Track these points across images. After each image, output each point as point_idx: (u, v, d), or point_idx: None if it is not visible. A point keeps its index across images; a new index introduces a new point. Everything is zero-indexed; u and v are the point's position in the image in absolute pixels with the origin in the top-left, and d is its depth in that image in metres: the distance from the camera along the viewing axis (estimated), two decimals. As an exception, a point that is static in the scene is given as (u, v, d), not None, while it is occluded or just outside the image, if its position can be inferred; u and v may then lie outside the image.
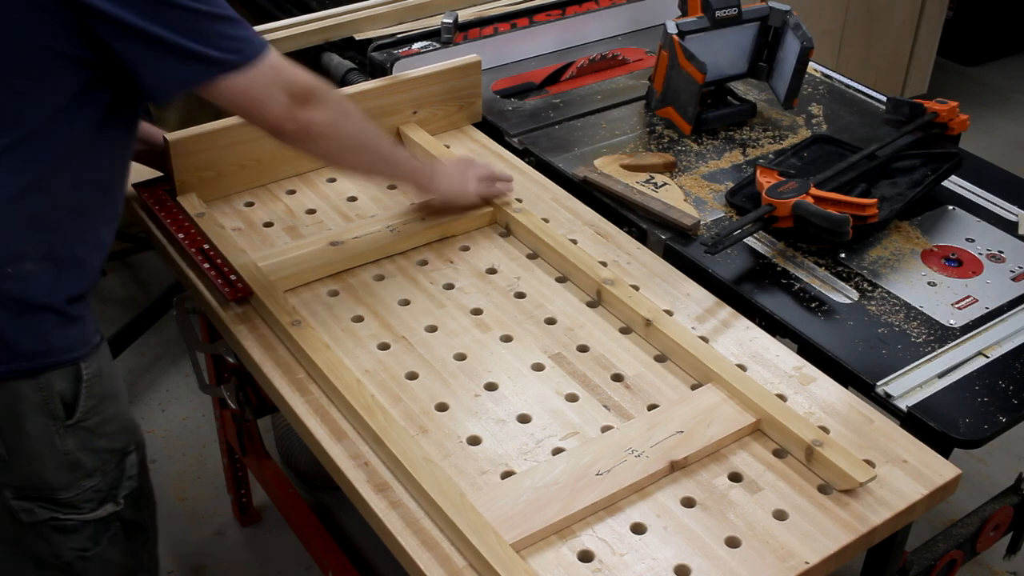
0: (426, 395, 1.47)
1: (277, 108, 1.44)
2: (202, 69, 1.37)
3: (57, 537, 1.52)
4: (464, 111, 2.09)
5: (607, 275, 1.64)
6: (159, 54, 1.33)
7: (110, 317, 2.96)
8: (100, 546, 1.56)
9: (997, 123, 4.22)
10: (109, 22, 1.29)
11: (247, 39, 1.39)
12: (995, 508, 1.68)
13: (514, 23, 2.38)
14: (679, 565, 1.23)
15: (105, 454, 1.52)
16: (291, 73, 1.45)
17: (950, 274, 1.73)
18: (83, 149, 1.38)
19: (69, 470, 1.48)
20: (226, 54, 1.37)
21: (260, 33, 2.15)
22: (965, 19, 4.46)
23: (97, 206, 1.45)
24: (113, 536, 1.58)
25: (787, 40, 2.09)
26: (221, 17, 1.36)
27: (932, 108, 2.04)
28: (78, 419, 1.45)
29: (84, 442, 1.48)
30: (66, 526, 1.52)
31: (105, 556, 1.58)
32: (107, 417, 1.49)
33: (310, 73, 1.49)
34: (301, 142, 1.52)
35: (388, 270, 1.72)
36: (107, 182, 1.46)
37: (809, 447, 1.34)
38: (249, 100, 1.42)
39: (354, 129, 1.58)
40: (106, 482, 1.53)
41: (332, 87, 1.53)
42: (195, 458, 2.63)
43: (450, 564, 1.23)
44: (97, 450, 1.50)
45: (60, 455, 1.46)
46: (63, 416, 1.44)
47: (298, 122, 1.47)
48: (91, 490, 1.51)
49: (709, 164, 2.01)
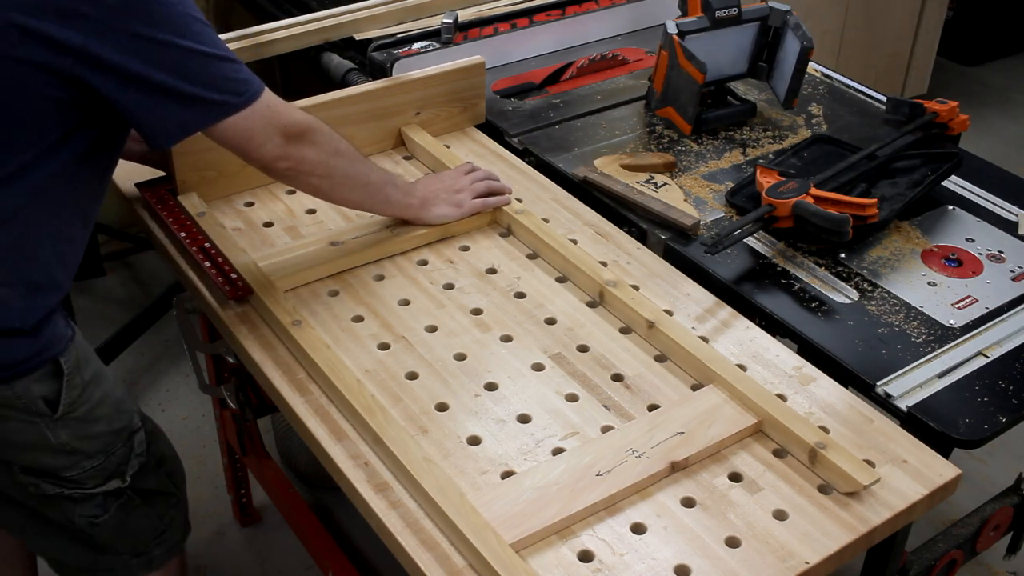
0: (426, 395, 1.47)
1: (271, 147, 1.46)
2: (205, 113, 1.37)
3: (68, 504, 1.54)
4: (467, 112, 2.09)
5: (609, 276, 1.64)
6: (161, 100, 1.33)
7: (110, 317, 2.96)
8: (110, 513, 1.58)
9: (997, 123, 4.22)
10: (109, 71, 1.28)
11: (247, 80, 1.41)
12: (995, 508, 1.68)
13: (514, 23, 2.37)
14: (679, 565, 1.23)
15: (107, 437, 1.53)
16: (285, 112, 1.47)
17: (950, 274, 1.74)
18: (64, 181, 1.37)
19: (67, 456, 1.49)
20: (228, 96, 1.38)
21: (260, 33, 2.18)
22: (965, 19, 4.47)
23: (75, 232, 1.45)
24: (125, 503, 1.59)
25: (787, 40, 2.09)
26: (222, 58, 1.37)
27: (932, 108, 2.04)
28: (64, 412, 1.45)
29: (78, 431, 1.48)
30: (73, 496, 1.53)
31: (118, 521, 1.59)
32: (96, 402, 1.50)
33: (301, 111, 1.51)
34: (293, 179, 1.55)
35: (388, 270, 1.72)
36: (87, 209, 1.46)
37: (812, 449, 1.34)
38: (247, 140, 1.44)
39: (345, 166, 1.59)
40: (112, 461, 1.55)
41: (322, 124, 1.54)
42: (195, 458, 2.63)
43: (450, 564, 1.23)
44: (96, 435, 1.51)
45: (55, 446, 1.47)
46: (48, 413, 1.44)
47: (291, 160, 1.49)
48: (94, 469, 1.52)
49: (709, 164, 2.01)
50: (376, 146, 2.00)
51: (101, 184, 1.48)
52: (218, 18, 3.22)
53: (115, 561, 1.64)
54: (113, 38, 1.27)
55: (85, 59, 1.26)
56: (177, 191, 1.80)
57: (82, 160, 1.38)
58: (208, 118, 1.38)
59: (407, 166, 1.98)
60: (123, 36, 1.27)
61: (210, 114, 1.38)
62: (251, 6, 2.81)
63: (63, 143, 1.34)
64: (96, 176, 1.45)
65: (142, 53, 1.29)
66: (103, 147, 1.42)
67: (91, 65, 1.27)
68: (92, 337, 2.65)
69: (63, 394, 1.44)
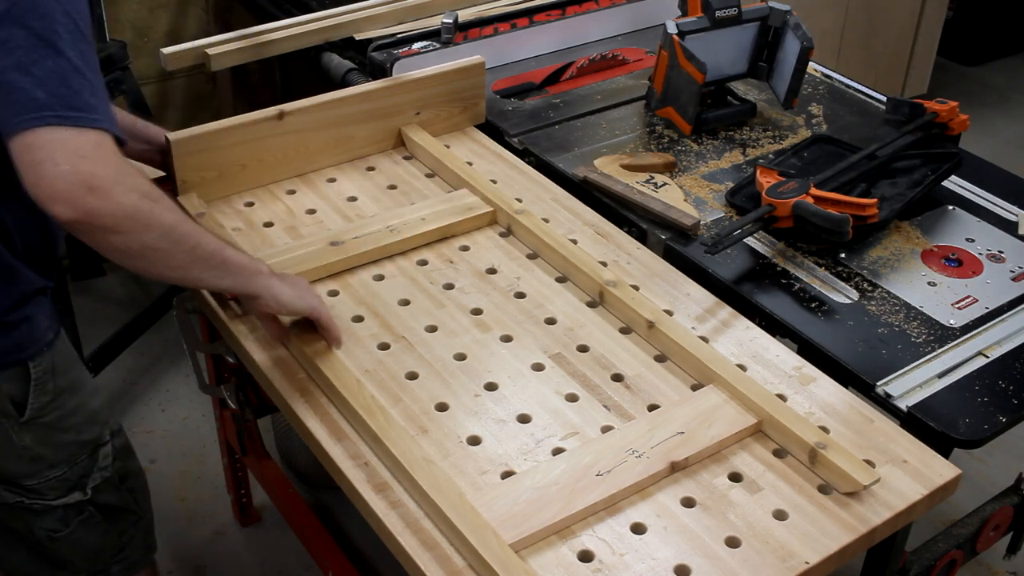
0: (426, 395, 1.47)
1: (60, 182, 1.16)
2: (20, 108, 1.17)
3: (28, 516, 1.53)
4: (467, 112, 2.09)
5: (609, 276, 1.64)
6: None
7: (110, 317, 2.96)
8: (70, 528, 1.56)
9: (997, 123, 4.22)
10: None
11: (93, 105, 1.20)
12: (995, 508, 1.68)
13: (514, 23, 2.38)
14: (679, 565, 1.23)
15: (73, 447, 1.51)
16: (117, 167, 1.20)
17: (950, 274, 1.74)
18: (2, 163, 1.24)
19: (30, 462, 1.48)
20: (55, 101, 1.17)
21: (260, 33, 2.18)
22: (965, 19, 4.46)
23: (36, 219, 1.38)
24: (86, 519, 1.58)
25: (787, 40, 2.09)
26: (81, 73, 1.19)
27: (932, 108, 2.04)
28: (31, 416, 1.44)
29: (43, 437, 1.47)
30: (33, 508, 1.52)
31: (76, 538, 1.58)
32: (68, 411, 1.49)
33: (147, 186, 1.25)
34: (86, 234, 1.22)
35: (388, 270, 1.72)
36: None
37: (812, 449, 1.34)
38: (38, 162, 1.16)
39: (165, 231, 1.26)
40: (74, 472, 1.53)
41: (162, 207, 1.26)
42: (195, 458, 2.63)
43: (450, 564, 1.23)
44: (62, 444, 1.50)
45: (18, 449, 1.46)
46: (15, 414, 1.43)
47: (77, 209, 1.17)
48: (56, 479, 1.51)
49: (709, 164, 2.01)
50: (376, 146, 2.01)
51: None
52: (218, 18, 3.22)
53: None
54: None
55: None
56: (177, 191, 1.80)
57: None
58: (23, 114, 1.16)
59: (407, 166, 1.98)
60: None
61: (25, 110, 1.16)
62: (251, 6, 2.81)
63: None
64: None
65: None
66: None
67: None
68: (92, 337, 2.66)
69: (30, 397, 1.43)
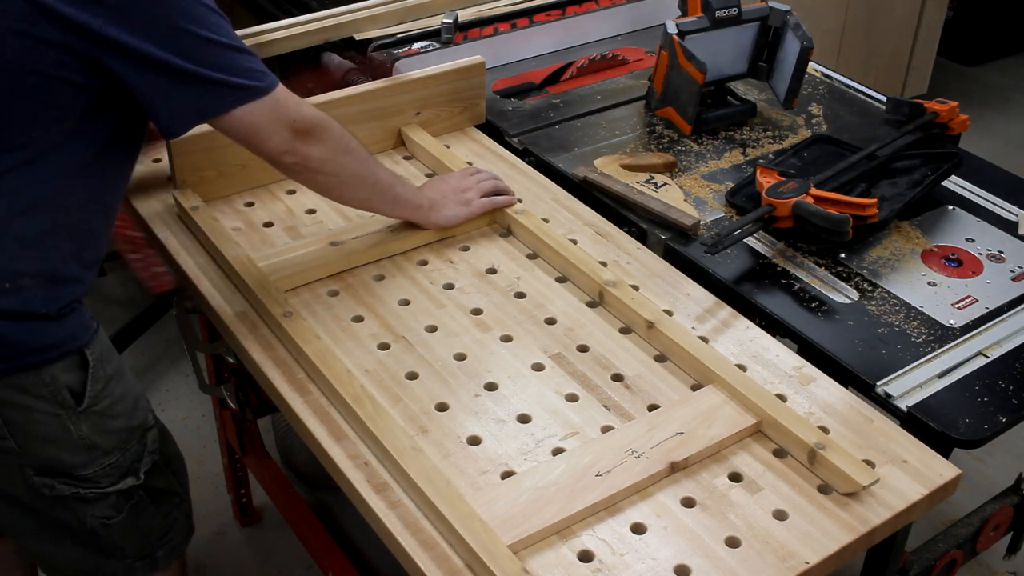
0: (426, 395, 1.47)
1: (279, 140, 1.47)
2: (221, 98, 1.39)
3: (80, 506, 1.54)
4: (467, 112, 2.09)
5: (609, 276, 1.64)
6: (178, 85, 1.35)
7: (110, 317, 2.96)
8: (122, 514, 1.59)
9: (997, 123, 4.23)
10: (128, 55, 1.31)
11: (262, 71, 1.43)
12: (995, 508, 1.68)
13: (514, 23, 2.38)
14: (679, 565, 1.23)
15: (124, 433, 1.54)
16: (296, 107, 1.48)
17: (950, 274, 1.73)
18: (86, 172, 1.39)
19: (86, 451, 1.50)
20: (243, 81, 1.40)
21: (260, 33, 2.18)
22: (965, 19, 4.47)
23: (97, 225, 1.47)
24: (136, 504, 1.60)
25: (787, 40, 2.09)
26: (238, 49, 1.39)
27: (932, 108, 2.04)
28: (88, 405, 1.46)
29: (98, 425, 1.49)
30: (87, 497, 1.53)
31: (128, 522, 1.60)
32: (117, 397, 1.51)
33: (313, 107, 1.52)
34: (299, 175, 1.56)
35: (388, 270, 1.72)
36: (108, 203, 1.48)
37: (812, 449, 1.34)
38: (255, 132, 1.45)
39: (353, 165, 1.59)
40: (127, 458, 1.55)
41: (333, 122, 1.55)
42: (195, 458, 2.63)
43: (449, 564, 1.23)
44: (114, 431, 1.52)
45: (75, 440, 1.48)
46: (73, 404, 1.45)
47: (297, 155, 1.50)
48: (110, 467, 1.53)
49: (709, 164, 2.01)
50: (376, 146, 2.00)
51: (122, 178, 1.50)
52: (218, 18, 3.22)
53: (118, 566, 1.64)
54: (131, 24, 1.29)
55: (102, 42, 1.29)
56: (177, 191, 1.81)
57: (103, 150, 1.40)
58: (224, 103, 1.40)
59: (407, 166, 1.98)
60: (141, 22, 1.30)
61: (226, 99, 1.39)
62: (251, 6, 2.81)
63: (84, 129, 1.36)
64: (117, 169, 1.47)
65: (160, 39, 1.31)
66: (123, 137, 1.43)
67: (108, 48, 1.30)
68: (92, 337, 2.66)
69: (88, 385, 1.45)
